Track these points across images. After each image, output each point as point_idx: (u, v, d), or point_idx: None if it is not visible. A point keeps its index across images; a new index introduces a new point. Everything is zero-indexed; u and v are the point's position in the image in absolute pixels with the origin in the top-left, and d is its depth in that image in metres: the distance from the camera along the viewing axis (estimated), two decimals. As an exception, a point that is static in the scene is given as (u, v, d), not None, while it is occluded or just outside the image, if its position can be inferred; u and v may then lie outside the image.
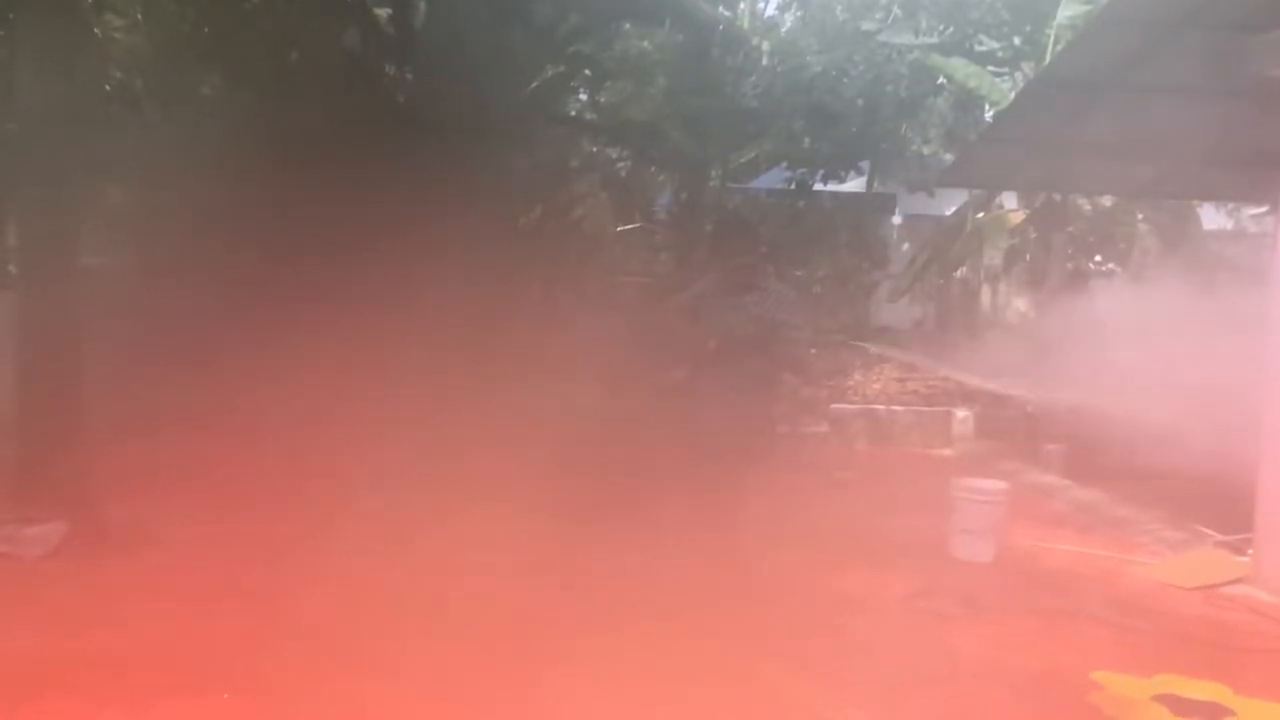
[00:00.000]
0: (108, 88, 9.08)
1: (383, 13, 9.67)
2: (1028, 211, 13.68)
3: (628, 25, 13.13)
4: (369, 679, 4.16)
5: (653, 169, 14.96)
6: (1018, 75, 13.47)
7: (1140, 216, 13.98)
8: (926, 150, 15.85)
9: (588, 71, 11.76)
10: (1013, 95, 11.80)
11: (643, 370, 6.61)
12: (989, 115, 14.24)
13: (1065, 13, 12.05)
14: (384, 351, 6.96)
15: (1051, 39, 12.35)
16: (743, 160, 15.75)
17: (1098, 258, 14.62)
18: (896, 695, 4.29)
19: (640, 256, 14.50)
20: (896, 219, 17.71)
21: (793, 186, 15.32)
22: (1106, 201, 13.63)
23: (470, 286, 7.96)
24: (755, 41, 15.18)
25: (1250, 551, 6.12)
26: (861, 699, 4.19)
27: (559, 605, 4.94)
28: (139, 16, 9.29)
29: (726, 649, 4.55)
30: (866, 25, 14.66)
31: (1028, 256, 14.37)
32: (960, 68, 13.08)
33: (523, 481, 5.56)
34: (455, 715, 4.01)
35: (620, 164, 14.65)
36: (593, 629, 4.68)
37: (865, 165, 15.81)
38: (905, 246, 17.35)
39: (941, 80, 14.36)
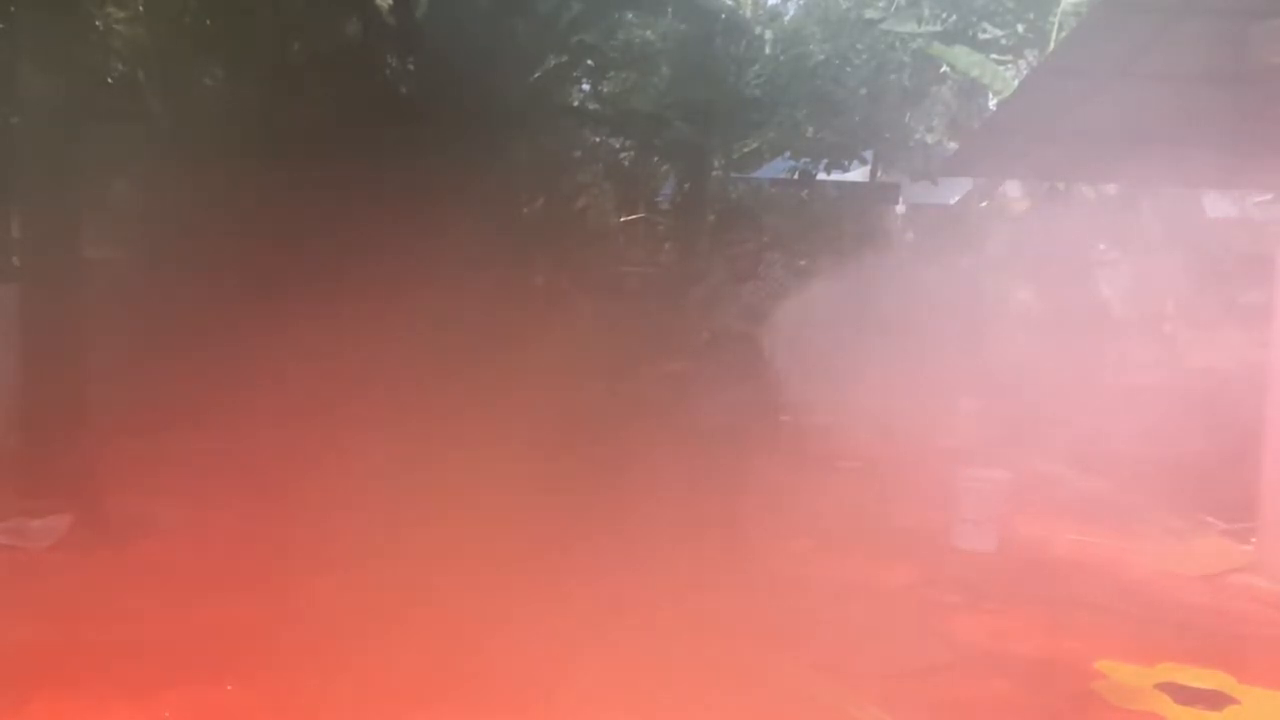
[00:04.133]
0: (110, 80, 9.09)
1: (384, 3, 9.66)
2: (1031, 200, 13.64)
3: (630, 15, 13.11)
4: (372, 668, 4.17)
5: (656, 159, 14.94)
6: (1021, 63, 13.43)
7: (1144, 205, 13.92)
8: (930, 139, 15.78)
9: (590, 61, 11.75)
10: (1016, 83, 11.76)
11: (647, 359, 6.61)
12: (992, 103, 14.19)
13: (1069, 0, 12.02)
14: (387, 342, 6.97)
15: (1055, 26, 12.31)
16: (746, 150, 15.72)
17: (1101, 246, 14.57)
18: (900, 684, 4.29)
19: (644, 246, 14.48)
20: (900, 208, 17.65)
21: (796, 176, 15.28)
22: (1110, 189, 13.59)
23: (473, 277, 7.96)
24: (758, 30, 15.13)
25: (1253, 540, 6.12)
26: (865, 688, 4.20)
27: (564, 595, 4.94)
28: (140, 9, 9.28)
29: (733, 639, 4.56)
30: (869, 13, 14.59)
31: (1031, 245, 14.32)
32: (963, 56, 13.03)
33: (524, 472, 5.57)
34: (460, 703, 4.02)
35: (623, 154, 14.63)
36: (599, 618, 4.69)
37: (869, 154, 15.77)
38: (909, 235, 17.30)
39: (945, 69, 14.31)
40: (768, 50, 15.14)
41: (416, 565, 5.03)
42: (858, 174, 16.19)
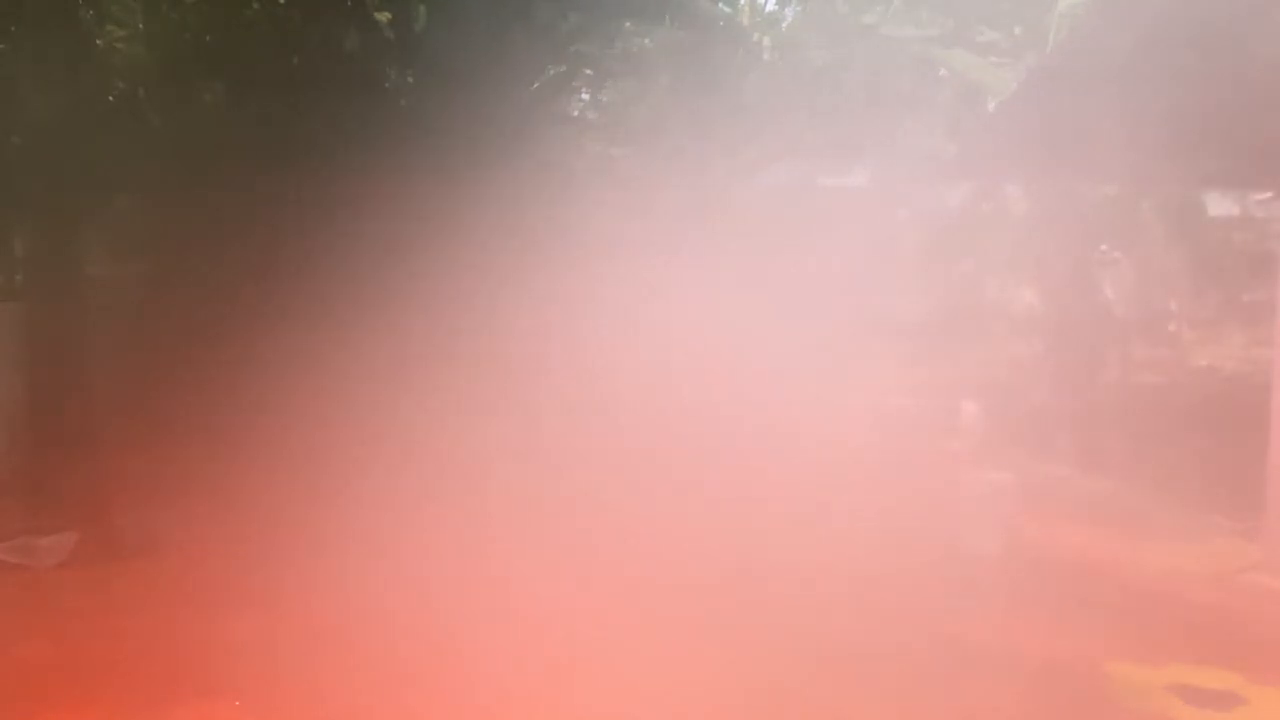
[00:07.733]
0: (111, 98, 9.11)
1: (383, 16, 9.69)
2: (1032, 202, 13.65)
3: (629, 23, 13.12)
4: (377, 683, 4.17)
5: (655, 167, 14.95)
6: (1020, 65, 13.44)
7: (1145, 204, 13.92)
8: (930, 143, 15.79)
9: (589, 70, 11.77)
10: (1015, 85, 11.78)
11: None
12: (991, 106, 14.20)
13: (1066, 1, 12.04)
14: (389, 357, 6.97)
15: (1053, 28, 12.32)
16: (746, 157, 15.73)
17: (1103, 247, 14.56)
18: (908, 689, 4.28)
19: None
20: (901, 212, 17.65)
21: (796, 183, 15.29)
22: (1111, 190, 13.58)
23: (475, 289, 7.96)
24: (756, 37, 15.16)
25: (1262, 538, 6.10)
26: (874, 694, 4.19)
27: (569, 608, 4.94)
28: (140, 27, 9.31)
29: (733, 639, 4.55)
30: (867, 19, 14.63)
31: (1032, 246, 14.32)
32: (961, 59, 13.07)
33: (528, 483, 5.56)
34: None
35: (623, 163, 14.64)
36: (605, 622, 4.68)
37: (869, 159, 15.78)
38: (910, 239, 17.29)
39: (943, 72, 14.35)
40: (766, 57, 15.18)
41: (421, 578, 5.03)
42: (858, 179, 16.20)
